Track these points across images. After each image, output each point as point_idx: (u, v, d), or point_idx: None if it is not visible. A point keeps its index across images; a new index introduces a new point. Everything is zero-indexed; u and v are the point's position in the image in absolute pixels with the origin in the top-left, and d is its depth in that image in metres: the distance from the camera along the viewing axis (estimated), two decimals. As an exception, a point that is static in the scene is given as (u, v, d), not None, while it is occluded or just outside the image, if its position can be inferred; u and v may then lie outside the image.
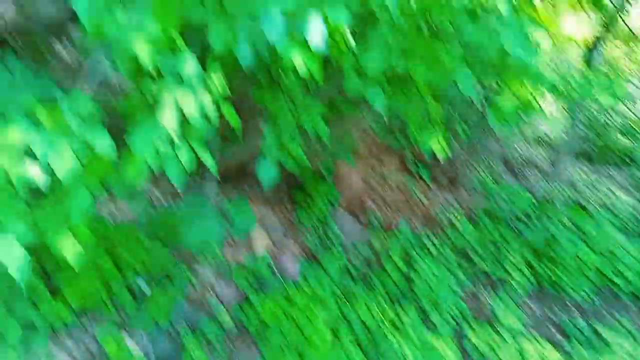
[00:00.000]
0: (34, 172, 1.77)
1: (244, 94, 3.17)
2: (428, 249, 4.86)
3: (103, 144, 1.91)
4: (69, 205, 1.99)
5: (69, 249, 2.01)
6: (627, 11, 5.82)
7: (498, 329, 4.24)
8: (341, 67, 2.43)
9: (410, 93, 2.77)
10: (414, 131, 2.77)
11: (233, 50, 2.12)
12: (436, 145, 2.89)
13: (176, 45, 2.20)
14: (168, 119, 1.93)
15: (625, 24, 6.20)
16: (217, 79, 2.07)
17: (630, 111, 8.30)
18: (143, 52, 1.88)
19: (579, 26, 6.68)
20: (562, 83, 3.28)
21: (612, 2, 5.47)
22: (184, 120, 2.01)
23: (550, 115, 7.76)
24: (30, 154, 1.78)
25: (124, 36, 1.89)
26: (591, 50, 5.94)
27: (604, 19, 5.86)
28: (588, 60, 5.95)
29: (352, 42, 2.03)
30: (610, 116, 8.30)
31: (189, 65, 2.12)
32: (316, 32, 1.98)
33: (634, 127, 8.23)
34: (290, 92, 2.58)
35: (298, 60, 1.99)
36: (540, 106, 2.94)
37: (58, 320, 3.06)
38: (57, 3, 3.25)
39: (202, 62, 2.14)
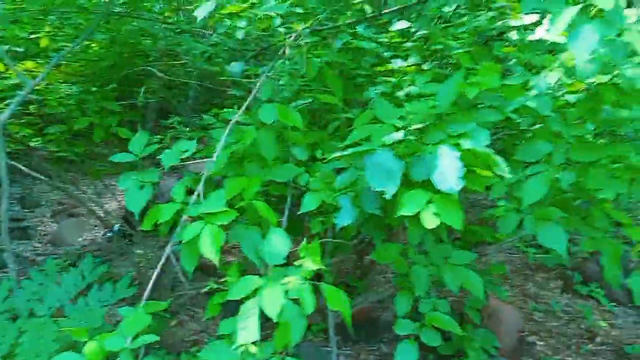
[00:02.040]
0: None
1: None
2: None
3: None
4: None
5: None
6: None
7: None
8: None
9: (590, 214, 1.93)
10: (609, 268, 1.88)
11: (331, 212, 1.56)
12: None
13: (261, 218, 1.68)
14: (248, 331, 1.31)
15: None
16: (313, 257, 1.45)
17: None
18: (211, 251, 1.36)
19: None
20: None
21: None
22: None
23: None
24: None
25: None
26: None
27: None
28: None
29: (504, 169, 1.33)
30: None
31: (278, 242, 1.56)
32: (447, 169, 1.33)
33: None
34: (418, 242, 1.89)
35: (427, 213, 1.33)
36: None
37: None
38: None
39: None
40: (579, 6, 1.39)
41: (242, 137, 1.85)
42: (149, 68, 3.53)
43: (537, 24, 1.91)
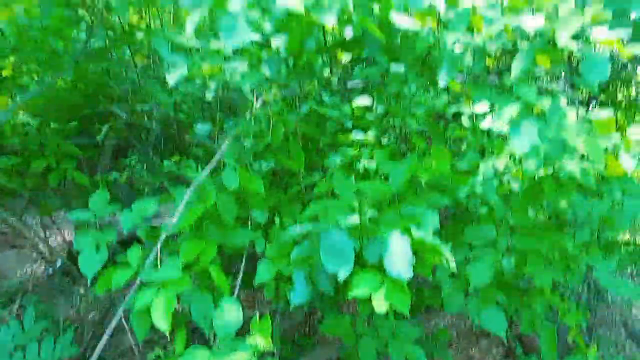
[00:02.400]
0: None
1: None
2: None
3: None
4: None
5: None
6: None
7: None
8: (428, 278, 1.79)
9: (529, 295, 2.04)
10: (546, 350, 1.97)
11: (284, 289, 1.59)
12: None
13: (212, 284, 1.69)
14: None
15: None
16: (263, 334, 1.47)
17: None
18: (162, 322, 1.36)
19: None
20: None
21: None
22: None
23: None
24: None
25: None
26: None
27: None
28: None
29: (449, 257, 1.41)
30: None
31: (230, 313, 1.57)
32: (398, 256, 1.40)
33: None
34: (367, 318, 1.93)
35: (377, 298, 1.39)
36: None
37: None
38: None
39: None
40: (521, 104, 1.53)
41: (203, 199, 1.88)
42: (111, 109, 3.52)
43: (488, 113, 2.07)
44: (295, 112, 2.49)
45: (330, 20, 1.32)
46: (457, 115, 2.41)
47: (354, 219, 1.47)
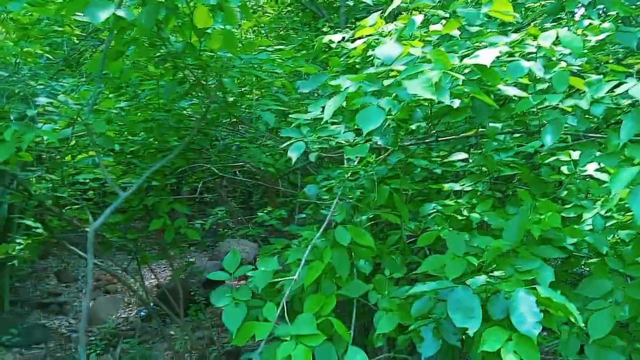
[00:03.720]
0: None
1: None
2: None
3: None
4: None
5: None
6: None
7: None
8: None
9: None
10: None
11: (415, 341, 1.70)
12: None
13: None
14: None
15: None
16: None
17: None
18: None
19: None
20: None
21: None
22: None
23: None
24: None
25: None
26: None
27: None
28: None
29: (578, 317, 1.49)
30: None
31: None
32: (526, 313, 1.49)
33: None
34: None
35: (506, 352, 1.48)
36: None
37: None
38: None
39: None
40: (638, 168, 1.59)
41: (320, 256, 2.05)
42: (207, 165, 3.83)
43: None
44: (385, 163, 2.64)
45: (447, 99, 1.47)
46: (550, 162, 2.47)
47: (482, 279, 1.58)
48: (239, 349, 4.35)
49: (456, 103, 1.73)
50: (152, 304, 5.27)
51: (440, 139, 2.52)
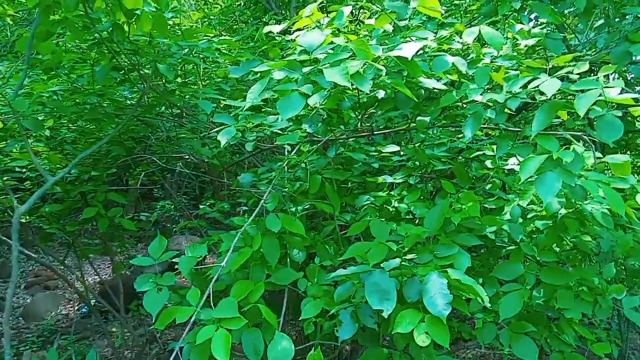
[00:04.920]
0: None
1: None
2: None
3: None
4: None
5: None
6: None
7: None
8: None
9: (559, 326, 2.15)
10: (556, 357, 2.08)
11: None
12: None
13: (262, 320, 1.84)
14: None
15: None
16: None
17: None
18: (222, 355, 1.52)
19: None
20: None
21: None
22: None
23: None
24: None
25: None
26: None
27: None
28: None
29: (484, 295, 1.55)
30: None
31: (283, 347, 1.72)
32: (437, 295, 1.55)
33: None
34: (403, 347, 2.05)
35: (419, 333, 1.52)
36: None
37: None
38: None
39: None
40: (545, 156, 1.68)
41: (249, 243, 2.05)
42: (149, 156, 3.75)
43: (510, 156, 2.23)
44: (324, 156, 2.68)
45: (367, 88, 1.51)
46: (479, 156, 2.57)
47: (395, 262, 1.62)
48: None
49: (381, 94, 1.78)
50: (93, 301, 5.12)
51: (375, 132, 2.58)
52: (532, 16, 3.25)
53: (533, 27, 2.59)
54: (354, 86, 1.49)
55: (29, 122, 2.26)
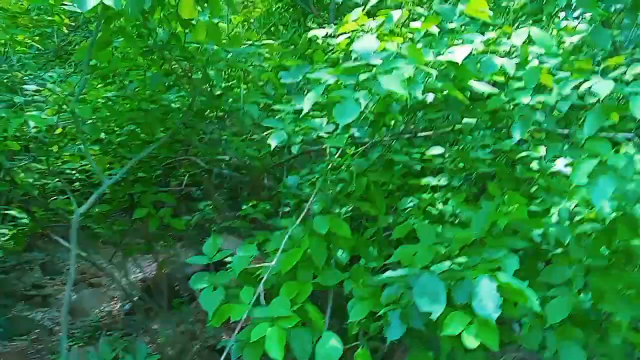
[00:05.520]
0: None
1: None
2: None
3: None
4: None
5: None
6: None
7: None
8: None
9: (607, 331, 2.12)
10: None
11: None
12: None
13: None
14: None
15: None
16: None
17: None
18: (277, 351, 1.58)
19: None
20: None
21: None
22: None
23: None
24: None
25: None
26: None
27: None
28: None
29: (535, 303, 1.56)
30: None
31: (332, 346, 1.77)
32: (487, 298, 1.56)
33: None
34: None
35: (468, 335, 1.55)
36: None
37: None
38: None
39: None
40: (597, 160, 1.68)
41: (298, 244, 2.11)
42: (193, 157, 3.87)
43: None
44: (366, 158, 2.71)
45: (419, 94, 1.54)
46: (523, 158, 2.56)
47: (445, 265, 1.65)
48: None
49: (430, 97, 1.80)
50: (136, 298, 5.29)
51: (418, 134, 2.60)
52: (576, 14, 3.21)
53: (578, 24, 2.55)
54: (411, 92, 1.52)
55: (88, 126, 2.38)
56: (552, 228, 2.00)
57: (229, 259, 2.15)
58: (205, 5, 2.01)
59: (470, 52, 1.76)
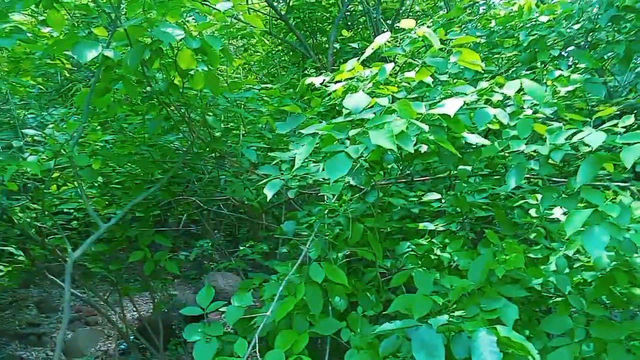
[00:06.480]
0: None
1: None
2: None
3: None
4: None
5: None
6: None
7: None
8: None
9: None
10: None
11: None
12: None
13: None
14: None
15: None
16: None
17: None
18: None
19: None
20: None
21: None
22: None
23: None
24: None
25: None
26: None
27: None
28: None
29: (535, 354, 1.53)
30: None
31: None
32: (487, 353, 1.53)
33: None
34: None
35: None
36: None
37: None
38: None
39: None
40: (590, 210, 1.67)
41: (293, 292, 2.08)
42: (191, 197, 3.87)
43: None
44: (363, 202, 2.71)
45: (411, 148, 1.55)
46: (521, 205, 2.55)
47: (443, 319, 1.62)
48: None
49: (424, 148, 1.81)
50: (132, 337, 5.20)
51: (415, 179, 2.61)
52: (570, 62, 3.26)
53: (572, 72, 2.60)
54: (402, 146, 1.53)
55: (85, 172, 2.39)
56: (551, 277, 1.98)
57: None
58: (205, 56, 2.04)
59: (463, 104, 1.77)
